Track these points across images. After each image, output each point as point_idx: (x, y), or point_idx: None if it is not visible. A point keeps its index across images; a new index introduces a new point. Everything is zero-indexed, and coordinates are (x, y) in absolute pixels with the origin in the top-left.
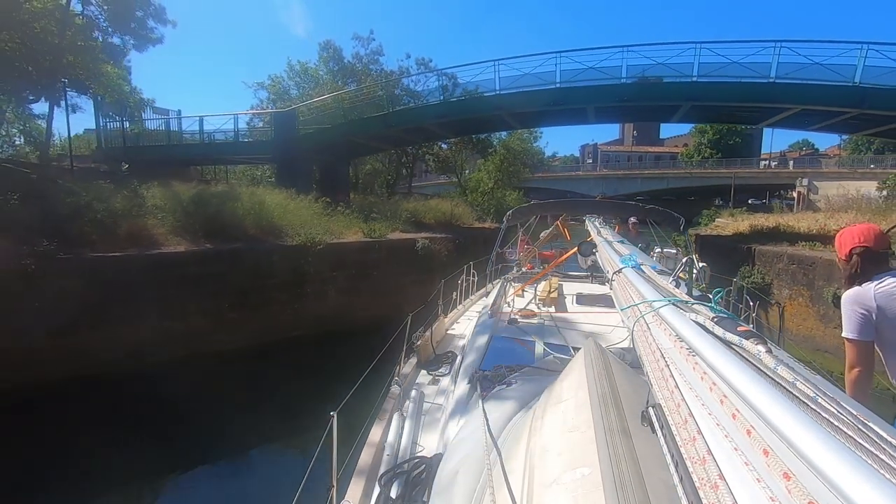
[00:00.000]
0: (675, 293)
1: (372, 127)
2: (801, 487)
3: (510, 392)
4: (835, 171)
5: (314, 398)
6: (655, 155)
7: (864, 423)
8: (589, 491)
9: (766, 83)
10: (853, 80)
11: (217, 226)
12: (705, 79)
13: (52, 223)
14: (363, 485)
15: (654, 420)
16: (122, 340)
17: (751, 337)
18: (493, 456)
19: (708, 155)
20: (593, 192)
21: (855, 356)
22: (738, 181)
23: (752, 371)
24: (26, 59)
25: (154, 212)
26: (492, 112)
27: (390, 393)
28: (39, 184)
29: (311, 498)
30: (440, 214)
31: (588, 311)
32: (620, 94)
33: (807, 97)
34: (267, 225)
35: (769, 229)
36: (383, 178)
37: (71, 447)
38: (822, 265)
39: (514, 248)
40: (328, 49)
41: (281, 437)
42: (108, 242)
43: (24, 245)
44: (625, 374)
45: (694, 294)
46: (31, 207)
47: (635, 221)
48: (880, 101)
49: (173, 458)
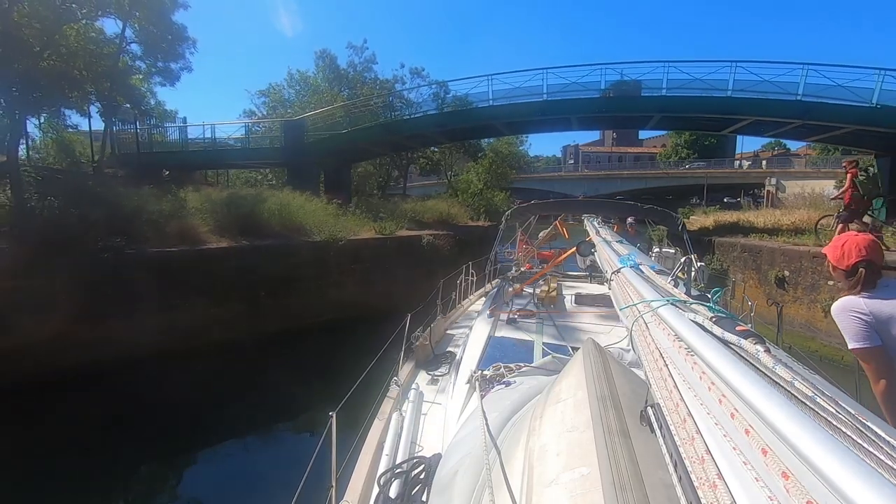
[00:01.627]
0: (674, 293)
1: (376, 134)
2: (799, 486)
3: (509, 392)
4: (800, 171)
5: (313, 398)
6: (635, 155)
7: (863, 422)
8: (588, 491)
9: (723, 97)
10: (796, 95)
11: (250, 225)
12: (673, 93)
13: (117, 223)
14: (362, 484)
15: (653, 420)
16: (179, 323)
17: (749, 336)
18: (492, 456)
19: (685, 155)
20: (575, 192)
21: (874, 366)
22: (712, 181)
23: (750, 370)
24: (68, 83)
25: (196, 213)
26: (486, 121)
27: (389, 393)
28: (97, 189)
29: (311, 497)
30: (437, 214)
31: (587, 310)
32: (600, 106)
33: (757, 109)
34: (290, 224)
35: (730, 224)
36: (374, 180)
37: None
38: (767, 252)
39: (513, 248)
40: (324, 58)
41: (280, 437)
42: (161, 239)
43: (100, 241)
44: (624, 373)
45: (692, 294)
46: (98, 210)
47: (632, 221)
48: (820, 114)
49: (176, 452)
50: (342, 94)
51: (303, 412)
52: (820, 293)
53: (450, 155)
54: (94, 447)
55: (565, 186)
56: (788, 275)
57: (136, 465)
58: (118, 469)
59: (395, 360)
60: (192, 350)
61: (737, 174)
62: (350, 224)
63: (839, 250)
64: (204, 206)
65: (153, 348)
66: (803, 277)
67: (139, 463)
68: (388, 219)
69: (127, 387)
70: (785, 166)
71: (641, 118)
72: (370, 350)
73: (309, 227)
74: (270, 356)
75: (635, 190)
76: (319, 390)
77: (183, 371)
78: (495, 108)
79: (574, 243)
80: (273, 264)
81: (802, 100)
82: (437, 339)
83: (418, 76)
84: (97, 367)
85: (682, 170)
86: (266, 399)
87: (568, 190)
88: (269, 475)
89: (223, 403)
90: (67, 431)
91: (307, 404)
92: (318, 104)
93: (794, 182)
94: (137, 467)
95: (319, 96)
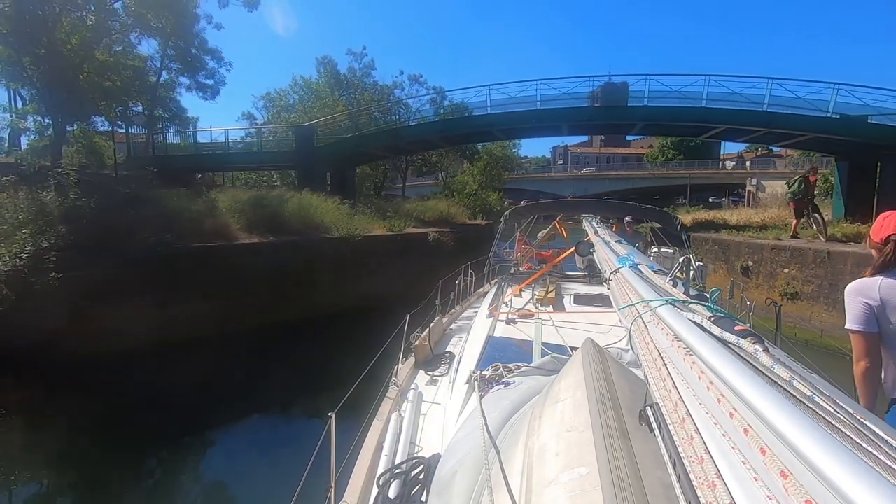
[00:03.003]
0: (673, 292)
1: (383, 139)
2: (798, 486)
3: (508, 392)
4: (779, 172)
5: (313, 398)
6: (623, 156)
7: (861, 421)
8: (587, 491)
9: (699, 107)
10: (763, 105)
11: (275, 223)
12: (654, 103)
13: (162, 221)
14: (361, 485)
15: (652, 419)
16: (218, 310)
17: (748, 336)
18: (492, 456)
19: (671, 156)
20: (565, 193)
21: (860, 349)
22: (697, 181)
23: (749, 370)
24: (106, 95)
25: (227, 212)
26: (484, 127)
27: (388, 393)
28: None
29: (310, 498)
30: (438, 213)
31: (586, 310)
32: (589, 115)
33: (728, 118)
34: (310, 222)
35: (706, 221)
36: (371, 181)
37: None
38: (735, 246)
39: (511, 248)
40: (325, 64)
41: (280, 437)
42: (199, 236)
43: (152, 237)
44: (622, 373)
45: (691, 293)
46: (145, 210)
47: (631, 221)
48: (783, 123)
49: (178, 448)
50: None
51: (324, 391)
52: (777, 280)
53: (445, 157)
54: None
55: (555, 186)
56: (752, 265)
57: (144, 457)
58: (116, 467)
59: (395, 360)
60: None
61: (720, 174)
62: (362, 222)
63: (880, 223)
64: (234, 206)
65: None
66: (763, 266)
67: (148, 453)
68: (395, 217)
69: (140, 375)
70: (766, 167)
71: (626, 125)
72: (381, 338)
73: (326, 224)
74: (297, 341)
75: (623, 190)
76: (335, 374)
77: (219, 352)
78: (493, 115)
79: (573, 243)
80: (297, 258)
81: (768, 110)
82: (436, 339)
83: (417, 83)
84: (138, 350)
85: (668, 170)
86: (283, 385)
87: (557, 190)
88: (268, 476)
89: (243, 388)
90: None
91: (329, 383)
92: (322, 108)
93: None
94: (147, 458)
95: (323, 101)
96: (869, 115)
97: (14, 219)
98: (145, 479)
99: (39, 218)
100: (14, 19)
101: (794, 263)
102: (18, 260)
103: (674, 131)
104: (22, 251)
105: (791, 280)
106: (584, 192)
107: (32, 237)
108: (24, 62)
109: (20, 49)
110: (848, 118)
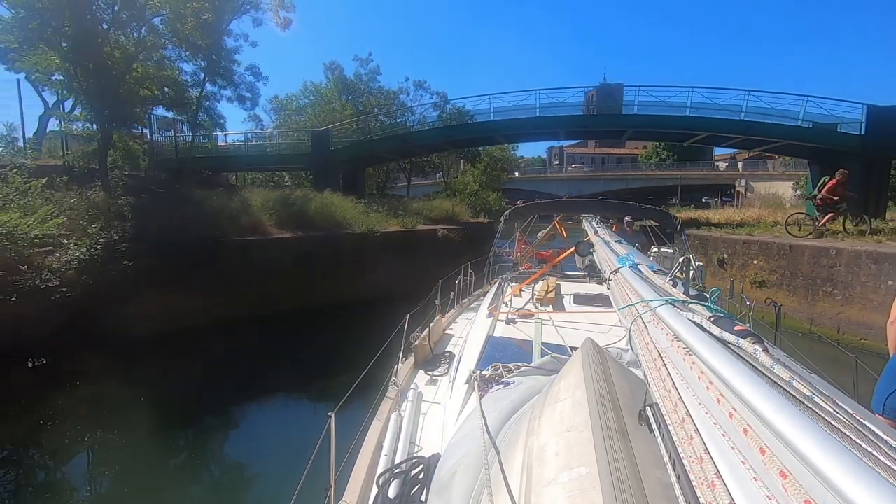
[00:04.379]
0: (673, 292)
1: (393, 143)
2: (797, 485)
3: (508, 392)
4: (767, 173)
5: (313, 398)
6: (617, 157)
7: (860, 421)
8: (587, 490)
9: (683, 116)
10: (740, 114)
11: (302, 220)
12: (643, 111)
13: (206, 218)
14: (361, 485)
15: (652, 419)
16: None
17: (747, 336)
18: (491, 456)
19: (665, 157)
20: (560, 193)
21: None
22: (690, 181)
23: (749, 370)
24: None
25: (259, 210)
26: (487, 133)
27: (388, 393)
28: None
29: (310, 498)
30: (443, 212)
31: (586, 310)
32: (583, 122)
33: (708, 126)
34: (332, 219)
35: (691, 219)
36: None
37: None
38: (713, 241)
39: (511, 248)
40: (333, 69)
41: (280, 438)
42: (237, 231)
43: (201, 232)
44: (622, 373)
45: (691, 293)
46: (191, 208)
47: (630, 220)
48: (758, 130)
49: (179, 445)
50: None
51: (342, 373)
52: (748, 270)
53: (446, 158)
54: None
55: (551, 186)
56: (727, 257)
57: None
58: (115, 463)
59: (394, 359)
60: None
61: (712, 175)
62: (378, 219)
63: None
64: (265, 205)
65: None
66: (737, 259)
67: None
68: (405, 215)
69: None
70: (755, 169)
71: (617, 132)
72: (393, 323)
73: (347, 221)
74: (319, 325)
75: (617, 190)
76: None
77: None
78: (496, 122)
79: (573, 243)
80: (323, 251)
81: (745, 119)
82: (435, 339)
83: (421, 88)
84: (183, 333)
85: (661, 171)
86: (303, 367)
87: (553, 190)
88: (268, 476)
89: (265, 370)
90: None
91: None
92: (330, 112)
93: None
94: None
95: (332, 105)
96: (838, 123)
97: (86, 215)
98: (145, 476)
99: (107, 214)
100: (73, 37)
101: (762, 256)
102: (94, 250)
103: (661, 137)
104: (96, 243)
105: (759, 270)
106: (579, 192)
107: (103, 231)
108: (78, 73)
109: (76, 63)
110: (821, 126)
